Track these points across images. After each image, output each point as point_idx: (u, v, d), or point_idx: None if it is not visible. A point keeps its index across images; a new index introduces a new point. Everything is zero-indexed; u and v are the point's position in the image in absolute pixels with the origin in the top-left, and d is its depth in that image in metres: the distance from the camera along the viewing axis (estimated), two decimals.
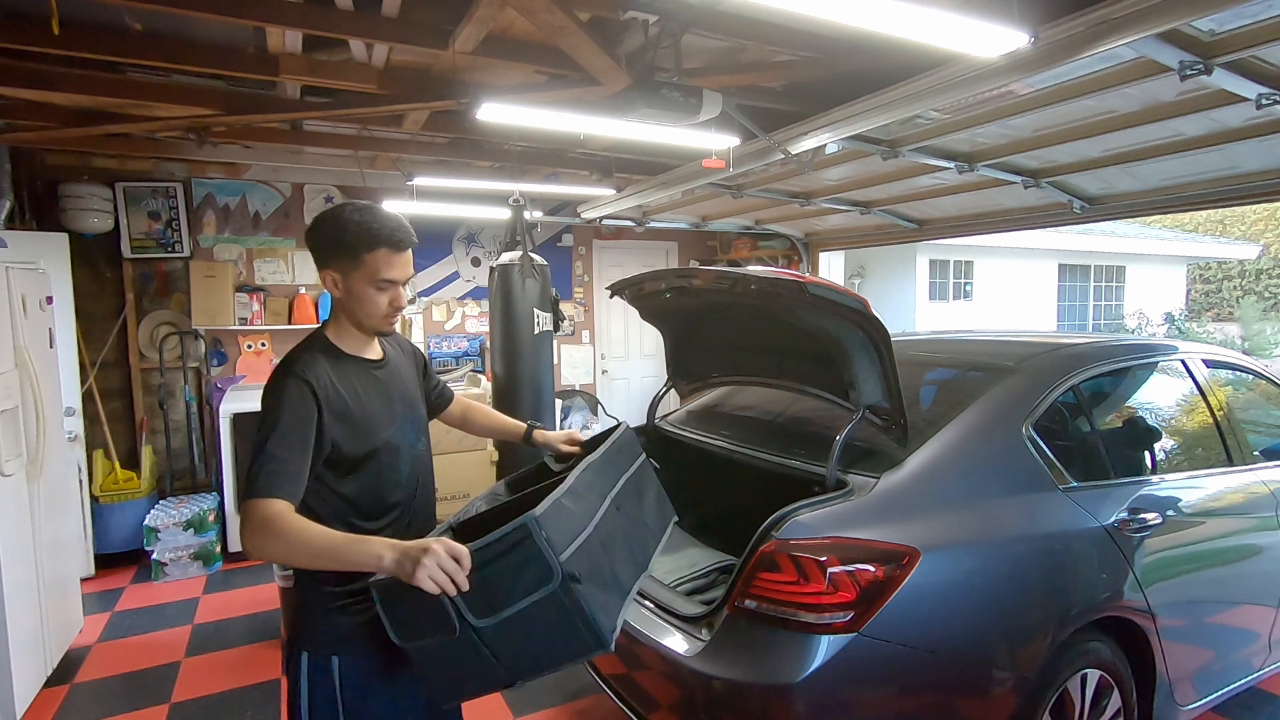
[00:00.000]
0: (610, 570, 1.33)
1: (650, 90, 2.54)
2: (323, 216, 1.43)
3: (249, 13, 2.40)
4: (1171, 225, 15.41)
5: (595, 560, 1.28)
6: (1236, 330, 12.67)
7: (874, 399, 1.93)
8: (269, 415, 1.32)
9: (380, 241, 1.40)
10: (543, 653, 1.21)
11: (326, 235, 1.41)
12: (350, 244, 1.39)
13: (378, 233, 1.39)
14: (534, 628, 1.18)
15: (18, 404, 2.88)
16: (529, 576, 1.17)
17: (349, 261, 1.40)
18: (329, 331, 1.49)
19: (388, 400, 1.51)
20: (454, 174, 4.81)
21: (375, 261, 1.41)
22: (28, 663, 2.83)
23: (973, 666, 1.77)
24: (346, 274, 1.42)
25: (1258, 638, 2.46)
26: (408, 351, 1.72)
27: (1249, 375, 2.96)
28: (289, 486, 1.27)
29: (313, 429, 1.33)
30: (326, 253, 1.42)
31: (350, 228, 1.39)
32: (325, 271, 1.44)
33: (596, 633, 1.19)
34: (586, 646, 1.20)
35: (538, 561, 1.16)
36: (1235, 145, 2.99)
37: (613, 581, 1.32)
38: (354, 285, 1.42)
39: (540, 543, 1.16)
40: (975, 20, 1.87)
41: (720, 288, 2.03)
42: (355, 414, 1.41)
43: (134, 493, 4.53)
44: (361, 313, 1.45)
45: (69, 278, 4.24)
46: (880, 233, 5.66)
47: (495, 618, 1.18)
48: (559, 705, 2.86)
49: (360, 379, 1.47)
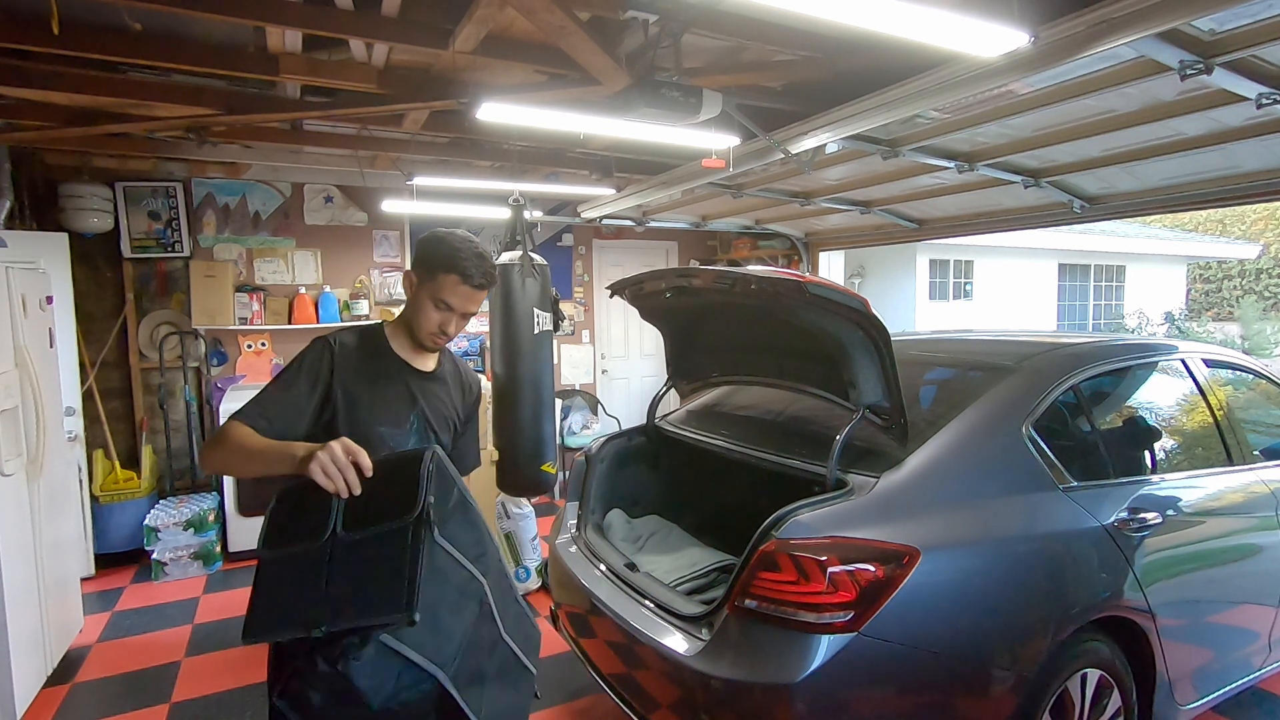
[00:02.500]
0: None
1: (650, 90, 2.54)
2: (436, 233, 1.63)
3: (249, 12, 2.39)
4: (1171, 225, 15.41)
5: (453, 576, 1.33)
6: (1236, 330, 12.67)
7: (874, 399, 1.93)
8: (286, 366, 1.54)
9: (456, 269, 1.56)
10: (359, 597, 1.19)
11: (425, 245, 1.61)
12: (434, 259, 1.58)
13: (458, 262, 1.56)
14: (372, 564, 1.21)
15: (18, 404, 2.88)
16: (400, 503, 1.24)
17: (425, 272, 1.59)
18: (387, 325, 1.67)
19: (407, 407, 1.62)
20: (454, 174, 4.81)
21: (444, 283, 1.58)
22: (28, 662, 2.84)
23: (973, 666, 1.77)
24: (420, 282, 1.61)
25: (1258, 637, 2.46)
26: (466, 387, 1.81)
27: (1249, 375, 2.96)
28: (260, 418, 1.44)
29: (316, 381, 1.50)
30: (417, 258, 1.63)
31: (443, 248, 1.58)
32: (409, 272, 1.63)
33: (410, 594, 1.17)
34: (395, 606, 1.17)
35: (413, 490, 1.24)
36: (1235, 145, 2.99)
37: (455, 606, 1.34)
38: (420, 293, 1.60)
39: (424, 470, 1.26)
40: (975, 20, 1.87)
41: (720, 287, 2.03)
42: (362, 398, 1.53)
43: (134, 492, 4.53)
44: (414, 319, 1.62)
45: (69, 278, 4.24)
46: (880, 232, 5.66)
47: (357, 533, 1.23)
48: (559, 705, 2.86)
49: (390, 375, 1.61)
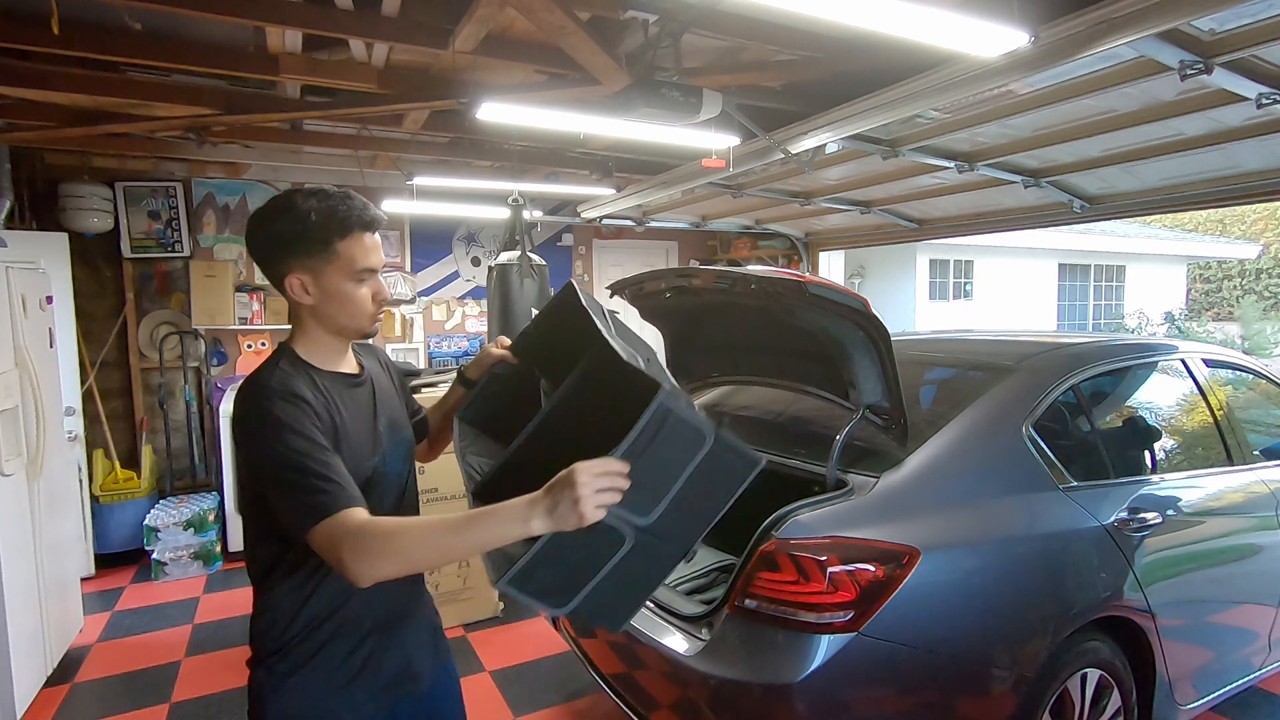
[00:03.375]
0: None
1: (650, 90, 2.54)
2: (271, 210, 1.20)
3: (249, 12, 2.39)
4: (1171, 225, 15.41)
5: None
6: (1236, 330, 12.66)
7: (874, 398, 1.93)
8: (266, 444, 1.10)
9: (353, 224, 1.20)
10: (707, 508, 1.14)
11: (284, 231, 1.19)
12: (318, 235, 1.18)
13: (346, 215, 1.20)
14: (695, 492, 1.11)
15: (18, 404, 2.88)
16: (680, 450, 1.08)
17: (318, 257, 1.19)
18: (297, 345, 1.25)
19: (371, 422, 1.30)
20: (454, 173, 4.81)
21: (351, 249, 1.21)
22: (28, 662, 2.83)
23: (973, 666, 1.77)
24: (318, 272, 1.20)
25: (1258, 637, 2.46)
26: (385, 365, 1.47)
27: (1249, 375, 2.96)
28: (350, 491, 1.09)
29: (321, 431, 1.15)
30: (287, 252, 1.19)
31: (313, 216, 1.18)
32: (291, 277, 1.20)
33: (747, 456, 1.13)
34: (744, 474, 1.13)
35: (685, 430, 1.08)
36: (1235, 145, 2.99)
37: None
38: (329, 283, 1.21)
39: (683, 413, 1.07)
40: (975, 20, 1.87)
41: (720, 287, 2.03)
42: (344, 440, 1.20)
43: (134, 492, 4.53)
44: (344, 315, 1.24)
45: (69, 277, 4.24)
46: (880, 232, 5.66)
47: (661, 506, 1.08)
48: (559, 705, 2.86)
49: (344, 399, 1.26)
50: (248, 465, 1.15)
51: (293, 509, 1.08)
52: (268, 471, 1.10)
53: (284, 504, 1.09)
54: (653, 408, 1.05)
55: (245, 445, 1.14)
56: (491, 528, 1.01)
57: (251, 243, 1.23)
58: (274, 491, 1.10)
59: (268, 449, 1.10)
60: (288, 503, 1.09)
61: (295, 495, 1.07)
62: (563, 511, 0.98)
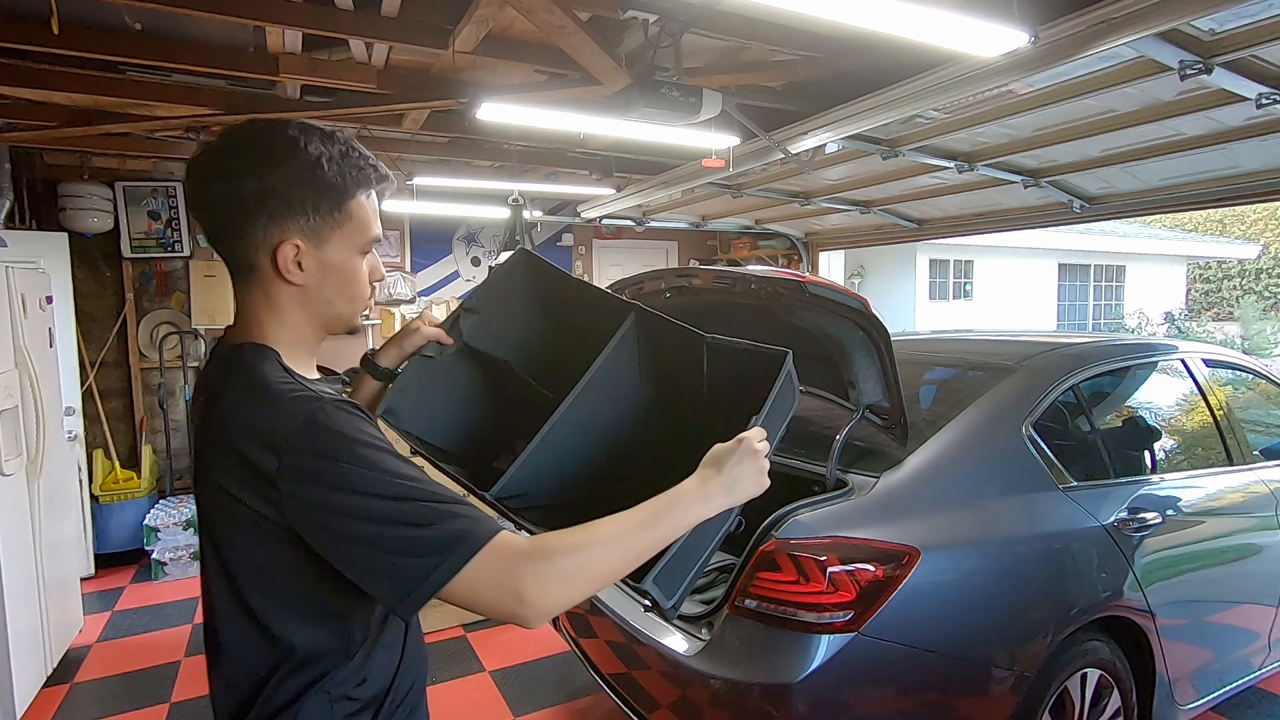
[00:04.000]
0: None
1: (650, 89, 2.54)
2: (258, 151, 0.85)
3: (249, 12, 2.39)
4: (1171, 225, 15.41)
5: None
6: (1236, 330, 12.67)
7: (874, 398, 1.92)
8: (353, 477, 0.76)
9: (370, 178, 0.91)
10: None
11: (286, 182, 0.85)
12: (331, 191, 0.87)
13: (363, 165, 0.90)
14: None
15: (18, 404, 2.88)
16: (784, 406, 1.08)
17: (326, 218, 0.88)
18: (279, 355, 0.89)
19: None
20: (454, 173, 4.81)
21: (365, 211, 0.92)
22: (28, 662, 2.83)
23: (972, 666, 1.77)
24: (323, 239, 0.88)
25: (1257, 637, 2.46)
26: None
27: (1249, 375, 2.96)
28: (473, 513, 0.79)
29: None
30: (286, 211, 0.85)
31: (326, 164, 0.86)
32: (286, 244, 0.86)
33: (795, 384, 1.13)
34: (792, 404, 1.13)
35: (791, 388, 1.08)
36: (1235, 145, 3.00)
37: None
38: (333, 255, 0.90)
39: (790, 372, 1.07)
40: (975, 20, 1.87)
41: (720, 287, 2.03)
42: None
43: (134, 492, 4.53)
44: (344, 299, 0.93)
45: (69, 277, 4.24)
46: (880, 232, 5.66)
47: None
48: (559, 704, 2.86)
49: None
50: (315, 517, 0.77)
51: (419, 552, 0.75)
52: (362, 514, 0.76)
53: (399, 551, 0.75)
54: (784, 374, 1.02)
55: (309, 488, 0.76)
56: (677, 517, 0.87)
57: (219, 196, 0.85)
58: (374, 540, 0.76)
59: (359, 483, 0.76)
60: (409, 547, 0.75)
61: (422, 532, 0.75)
62: (745, 484, 0.91)
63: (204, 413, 0.87)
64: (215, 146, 0.87)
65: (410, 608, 0.77)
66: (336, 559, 0.78)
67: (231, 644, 0.86)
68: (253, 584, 0.84)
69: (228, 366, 0.87)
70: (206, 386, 0.90)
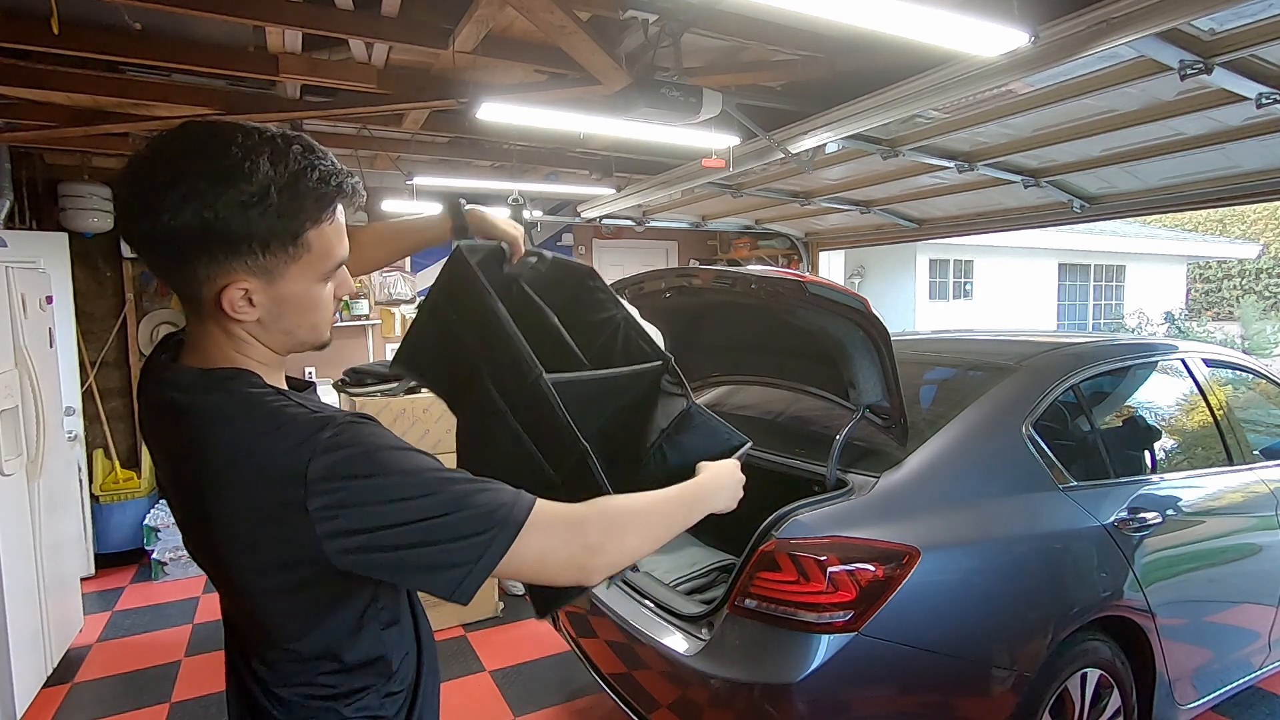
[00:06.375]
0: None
1: (650, 89, 2.54)
2: (195, 172, 0.72)
3: (249, 12, 2.39)
4: (1171, 225, 15.42)
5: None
6: (1236, 329, 12.67)
7: (874, 398, 1.92)
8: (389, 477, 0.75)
9: (329, 197, 0.80)
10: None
11: (227, 220, 0.73)
12: (282, 224, 0.76)
13: (321, 184, 0.78)
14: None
15: (18, 404, 2.88)
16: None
17: (278, 254, 0.77)
18: (254, 374, 0.83)
19: None
20: (454, 173, 4.81)
21: (325, 238, 0.81)
22: (28, 662, 2.83)
23: (972, 666, 1.77)
24: (275, 276, 0.79)
25: (1257, 637, 2.46)
26: None
27: (1249, 375, 2.96)
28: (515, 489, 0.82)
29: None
30: (229, 253, 0.75)
31: (274, 192, 0.74)
32: (233, 289, 0.77)
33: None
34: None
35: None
36: (1235, 144, 3.00)
37: None
38: (289, 289, 0.80)
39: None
40: (975, 19, 1.87)
41: (720, 287, 2.03)
42: None
43: (134, 492, 4.53)
44: (305, 328, 0.85)
45: (69, 277, 4.24)
46: (880, 232, 5.66)
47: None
48: (559, 704, 2.86)
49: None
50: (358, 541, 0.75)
51: (471, 531, 0.76)
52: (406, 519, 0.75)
53: (452, 538, 0.76)
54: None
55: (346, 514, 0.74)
56: (699, 506, 1.00)
57: (146, 235, 0.74)
58: (424, 539, 0.75)
59: (394, 490, 0.75)
60: (460, 530, 0.76)
61: (473, 513, 0.76)
62: (728, 499, 1.05)
63: (186, 443, 0.79)
64: (139, 167, 0.74)
65: (470, 589, 0.77)
66: (389, 572, 0.77)
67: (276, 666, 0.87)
68: (292, 633, 0.84)
69: (207, 392, 0.80)
70: (172, 409, 0.81)
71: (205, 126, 0.76)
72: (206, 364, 0.82)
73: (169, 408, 0.82)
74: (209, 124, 0.76)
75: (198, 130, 0.75)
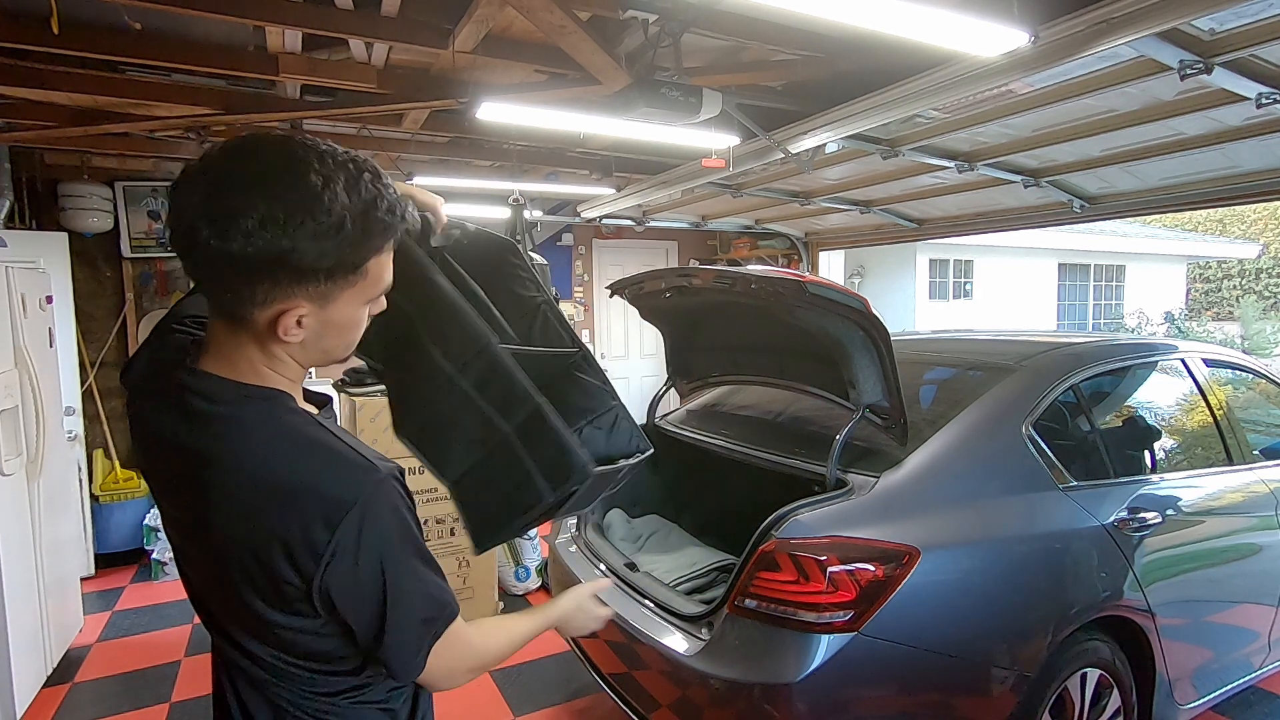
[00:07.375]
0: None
1: (650, 89, 2.54)
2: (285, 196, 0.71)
3: (249, 12, 2.39)
4: (1171, 224, 15.42)
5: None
6: (1236, 329, 12.67)
7: (874, 398, 1.93)
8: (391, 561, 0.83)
9: (395, 228, 0.82)
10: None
11: (302, 251, 0.73)
12: (352, 254, 0.78)
13: (391, 217, 0.80)
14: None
15: (18, 404, 2.88)
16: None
17: (339, 280, 0.79)
18: (287, 395, 0.86)
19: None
20: (454, 173, 4.81)
21: (380, 267, 0.83)
22: (28, 662, 2.83)
23: (972, 666, 1.77)
24: (329, 300, 0.80)
25: (1257, 636, 2.46)
26: None
27: (1249, 374, 2.96)
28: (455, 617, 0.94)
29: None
30: (295, 277, 0.75)
31: (350, 224, 0.75)
32: (287, 311, 0.77)
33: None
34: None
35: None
36: (1235, 144, 3.00)
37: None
38: (340, 314, 0.82)
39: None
40: (975, 19, 1.87)
41: (720, 287, 2.03)
42: None
43: (134, 492, 4.53)
44: (340, 346, 0.87)
45: (69, 277, 4.24)
46: (880, 232, 5.66)
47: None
48: (559, 704, 2.86)
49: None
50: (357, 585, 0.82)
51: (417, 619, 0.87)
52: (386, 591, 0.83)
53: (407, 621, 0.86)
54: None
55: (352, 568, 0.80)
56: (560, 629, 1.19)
57: (211, 254, 0.72)
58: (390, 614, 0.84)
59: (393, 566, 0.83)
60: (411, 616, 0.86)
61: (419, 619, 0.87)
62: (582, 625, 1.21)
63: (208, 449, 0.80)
64: (210, 187, 0.72)
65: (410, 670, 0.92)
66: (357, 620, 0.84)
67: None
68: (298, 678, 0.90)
69: (241, 406, 0.81)
70: (193, 415, 0.81)
71: (279, 147, 0.75)
72: (237, 377, 0.82)
73: (190, 413, 0.82)
74: (282, 143, 0.75)
75: (273, 151, 0.74)
